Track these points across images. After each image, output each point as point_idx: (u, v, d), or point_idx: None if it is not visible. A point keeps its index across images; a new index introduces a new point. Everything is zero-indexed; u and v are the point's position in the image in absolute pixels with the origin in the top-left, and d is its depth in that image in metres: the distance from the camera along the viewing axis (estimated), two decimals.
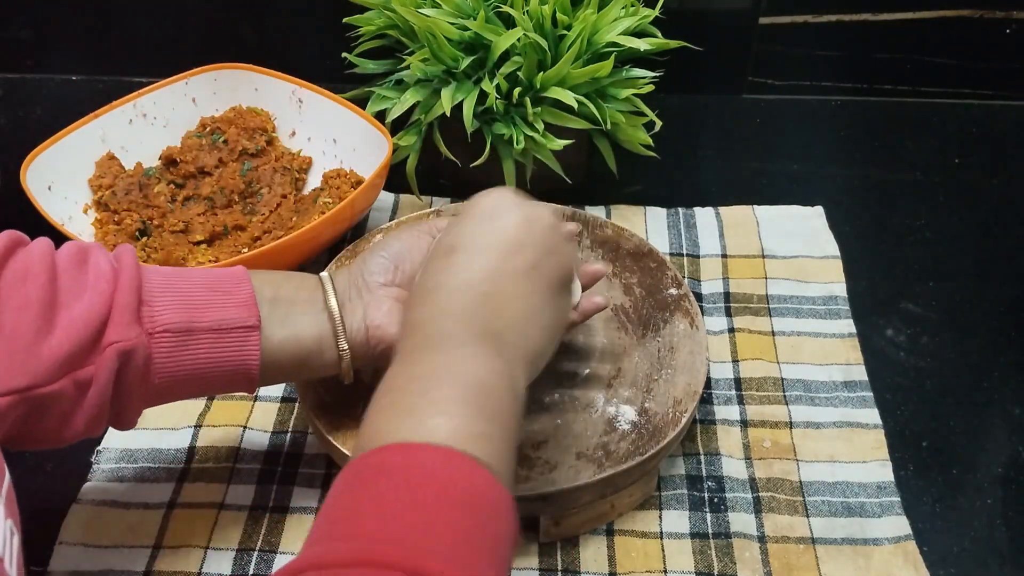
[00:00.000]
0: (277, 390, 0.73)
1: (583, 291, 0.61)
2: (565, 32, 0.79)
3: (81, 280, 0.52)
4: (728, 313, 0.79)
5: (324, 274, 0.60)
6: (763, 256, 0.83)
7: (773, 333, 0.77)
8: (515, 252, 0.50)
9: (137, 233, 0.81)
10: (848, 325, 0.78)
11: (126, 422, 0.55)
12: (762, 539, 0.64)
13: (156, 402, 0.56)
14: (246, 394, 0.73)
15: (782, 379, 0.74)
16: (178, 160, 0.87)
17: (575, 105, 0.77)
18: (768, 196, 0.89)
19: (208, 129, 0.89)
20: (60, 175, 0.82)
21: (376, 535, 0.38)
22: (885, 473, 0.67)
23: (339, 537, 0.39)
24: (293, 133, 0.91)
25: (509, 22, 0.79)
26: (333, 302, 0.58)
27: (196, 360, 0.54)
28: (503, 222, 0.51)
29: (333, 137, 0.87)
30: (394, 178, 0.85)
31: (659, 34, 0.82)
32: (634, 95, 0.81)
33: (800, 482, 0.67)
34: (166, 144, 0.89)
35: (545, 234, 0.52)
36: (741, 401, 0.72)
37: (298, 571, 0.37)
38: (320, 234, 0.76)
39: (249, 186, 0.85)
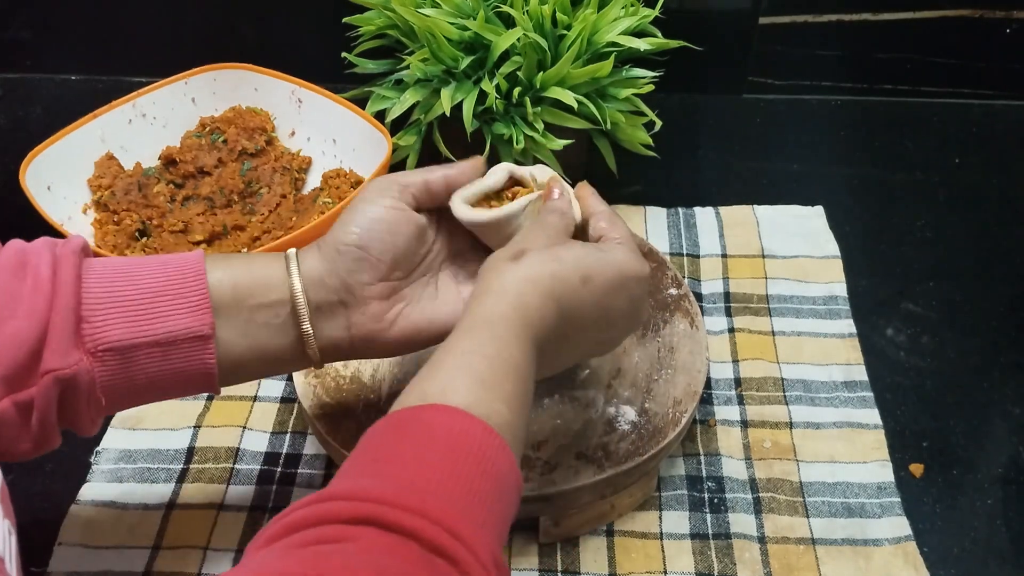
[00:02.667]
0: (277, 390, 0.73)
1: None
2: (565, 32, 0.79)
3: (17, 293, 0.48)
4: (728, 313, 0.79)
5: (294, 269, 0.54)
6: (763, 256, 0.83)
7: (773, 333, 0.77)
8: (606, 330, 0.54)
9: (136, 233, 0.81)
10: (848, 325, 0.77)
11: (83, 432, 0.52)
12: (762, 540, 0.64)
13: (112, 412, 0.53)
14: (246, 394, 0.73)
15: (782, 379, 0.74)
16: (177, 160, 0.86)
17: (575, 105, 0.77)
18: (768, 196, 0.89)
19: (208, 129, 0.89)
20: (60, 175, 0.81)
21: (417, 483, 0.41)
22: (885, 473, 0.67)
23: (382, 476, 0.41)
24: (293, 133, 0.91)
25: (509, 22, 0.79)
26: (302, 304, 0.53)
27: (147, 375, 0.51)
28: (627, 303, 0.54)
29: (333, 137, 0.87)
30: None
31: (659, 34, 0.82)
32: (634, 95, 0.81)
33: (800, 483, 0.67)
34: (165, 144, 0.88)
35: (632, 328, 0.57)
36: (741, 401, 0.72)
37: (342, 496, 0.39)
38: (320, 234, 0.75)
39: (249, 186, 0.85)
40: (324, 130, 0.88)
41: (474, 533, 0.39)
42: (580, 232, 0.58)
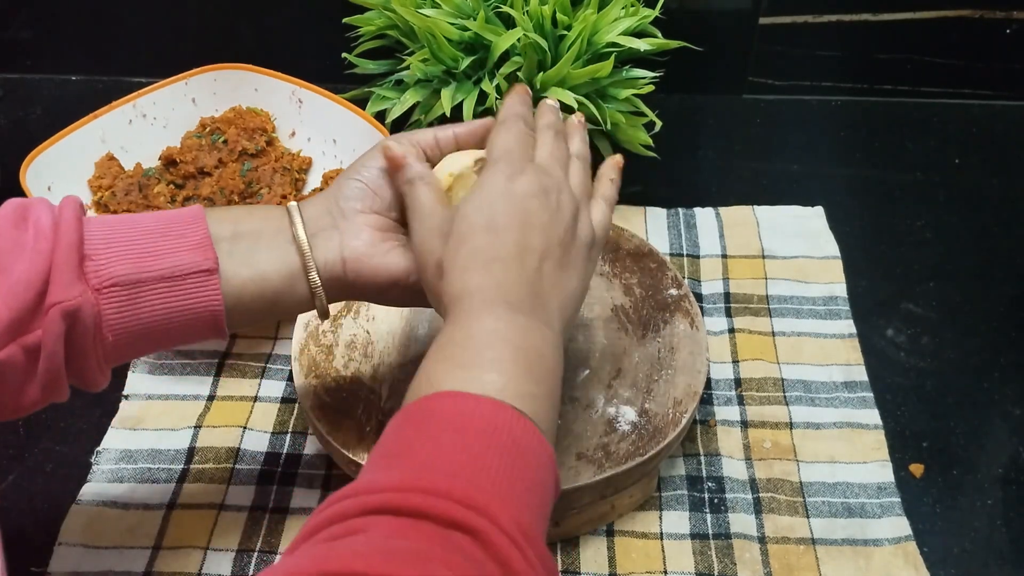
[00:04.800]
0: (277, 390, 0.73)
1: None
2: (565, 32, 0.79)
3: (20, 241, 0.49)
4: (728, 313, 0.79)
5: (292, 203, 0.56)
6: (763, 256, 0.83)
7: (773, 333, 0.77)
8: (548, 230, 0.52)
9: None
10: (848, 325, 0.78)
11: (92, 383, 0.52)
12: (762, 540, 0.64)
13: (119, 359, 0.53)
14: (246, 395, 0.73)
15: (782, 379, 0.74)
16: (178, 160, 0.86)
17: (575, 105, 0.77)
18: (768, 196, 0.89)
19: (208, 129, 0.89)
20: (60, 175, 0.81)
21: (427, 466, 0.41)
22: (885, 474, 0.67)
23: (392, 467, 0.42)
24: (293, 133, 0.91)
25: (509, 22, 0.79)
26: (301, 232, 0.54)
27: (152, 312, 0.51)
28: (529, 201, 0.52)
29: (333, 137, 0.87)
30: None
31: (659, 34, 0.82)
32: (634, 95, 0.81)
33: (800, 483, 0.67)
34: (166, 144, 0.88)
35: (564, 202, 0.53)
36: (741, 402, 0.72)
37: (354, 493, 0.39)
38: None
39: (249, 186, 0.85)
40: (324, 130, 0.88)
41: (491, 502, 0.39)
42: None
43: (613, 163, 0.61)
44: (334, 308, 0.71)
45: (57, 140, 0.81)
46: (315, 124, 0.89)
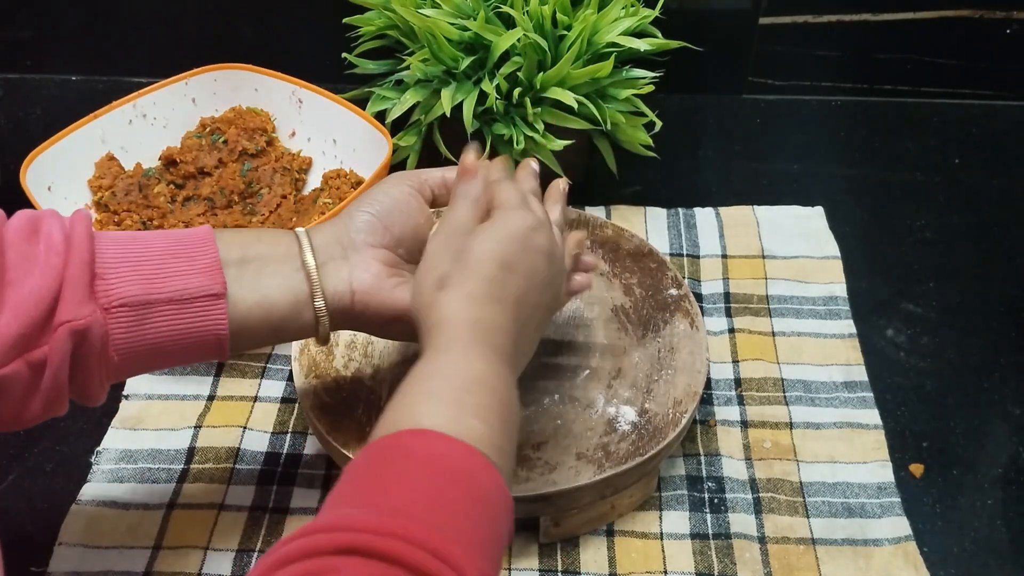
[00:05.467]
0: (277, 390, 0.73)
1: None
2: (565, 32, 0.79)
3: (31, 254, 0.49)
4: (728, 313, 0.79)
5: (300, 230, 0.56)
6: (763, 256, 0.83)
7: (773, 333, 0.77)
8: (544, 290, 0.54)
9: None
10: (848, 325, 0.78)
11: (91, 398, 0.53)
12: (762, 540, 0.64)
13: (121, 377, 0.53)
14: (246, 395, 0.73)
15: (782, 379, 0.74)
16: (178, 160, 0.86)
17: (575, 105, 0.77)
18: (768, 196, 0.89)
19: (208, 129, 0.89)
20: (60, 175, 0.81)
21: (402, 510, 0.40)
22: (885, 474, 0.67)
23: (366, 505, 0.41)
24: (293, 133, 0.91)
25: (509, 22, 0.79)
26: (310, 258, 0.55)
27: (158, 333, 0.51)
28: (540, 257, 0.53)
29: (333, 137, 0.87)
30: None
31: (659, 34, 0.82)
32: (634, 95, 0.81)
33: (800, 483, 0.67)
34: (166, 144, 0.88)
35: (560, 270, 0.56)
36: (741, 402, 0.72)
37: (327, 528, 0.39)
38: None
39: (249, 186, 0.85)
40: (324, 130, 0.88)
41: (461, 555, 0.39)
42: None
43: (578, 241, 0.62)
44: None
45: (57, 140, 0.81)
46: (315, 124, 0.89)
